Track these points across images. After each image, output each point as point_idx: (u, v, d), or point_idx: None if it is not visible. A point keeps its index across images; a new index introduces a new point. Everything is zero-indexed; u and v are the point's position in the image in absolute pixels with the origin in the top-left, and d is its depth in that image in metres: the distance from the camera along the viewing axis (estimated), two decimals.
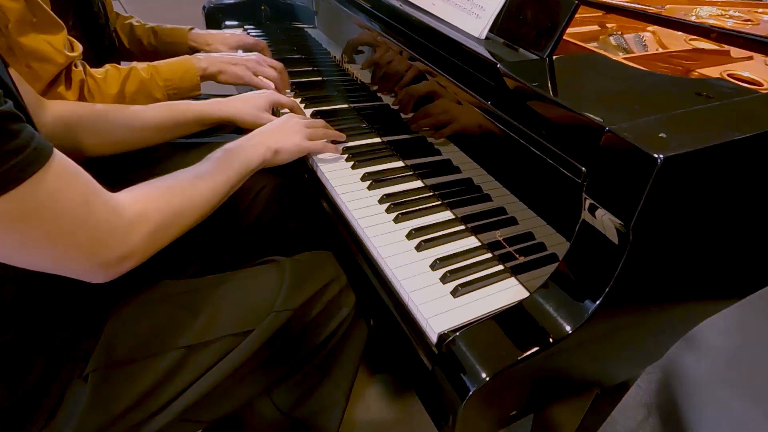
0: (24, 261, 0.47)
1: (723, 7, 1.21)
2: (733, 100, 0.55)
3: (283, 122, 0.83)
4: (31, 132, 0.43)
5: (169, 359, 0.61)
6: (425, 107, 0.82)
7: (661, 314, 0.62)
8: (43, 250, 0.46)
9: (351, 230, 0.74)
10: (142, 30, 1.16)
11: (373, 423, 1.12)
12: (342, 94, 1.09)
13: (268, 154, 0.76)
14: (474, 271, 0.65)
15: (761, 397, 1.08)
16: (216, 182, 0.66)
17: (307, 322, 0.70)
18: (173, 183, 0.61)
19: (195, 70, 0.93)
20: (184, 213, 0.60)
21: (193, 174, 0.64)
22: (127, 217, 0.52)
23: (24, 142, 0.42)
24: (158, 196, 0.58)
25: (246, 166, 0.72)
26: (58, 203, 0.45)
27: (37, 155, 0.43)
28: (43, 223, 0.44)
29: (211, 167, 0.67)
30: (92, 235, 0.49)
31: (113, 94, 0.83)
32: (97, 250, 0.50)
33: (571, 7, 0.62)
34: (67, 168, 0.47)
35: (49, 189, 0.44)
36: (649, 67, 0.68)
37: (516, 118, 0.59)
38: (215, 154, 0.70)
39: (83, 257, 0.49)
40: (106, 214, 0.50)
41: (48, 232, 0.45)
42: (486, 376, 0.49)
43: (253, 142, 0.76)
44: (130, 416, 0.59)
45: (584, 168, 0.50)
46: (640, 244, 0.47)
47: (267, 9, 1.47)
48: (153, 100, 0.88)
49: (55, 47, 0.72)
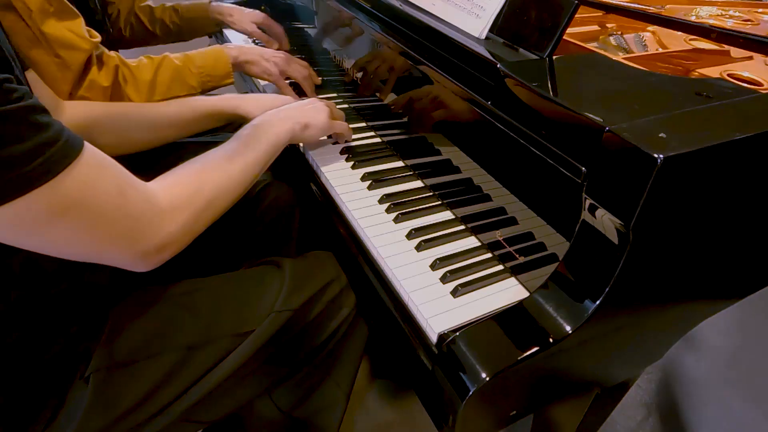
0: (67, 252, 0.47)
1: (723, 7, 1.21)
2: (733, 100, 0.55)
3: (309, 101, 0.82)
4: (61, 125, 0.43)
5: (170, 360, 0.61)
6: (425, 107, 0.82)
7: (661, 314, 0.62)
8: (84, 242, 0.47)
9: (351, 230, 0.74)
10: (161, 10, 1.15)
11: (373, 423, 1.12)
12: (342, 94, 1.09)
13: (297, 128, 0.75)
14: (474, 271, 0.65)
15: (761, 397, 1.08)
16: (246, 162, 0.65)
17: (308, 322, 0.70)
18: (204, 167, 0.61)
19: (226, 58, 0.93)
20: (217, 197, 0.60)
21: (223, 155, 0.64)
22: (161, 206, 0.52)
23: (56, 134, 0.42)
24: (189, 183, 0.57)
25: (275, 142, 0.70)
26: (94, 194, 0.45)
27: (70, 147, 0.43)
28: (81, 215, 0.44)
29: (240, 146, 0.66)
30: (130, 224, 0.49)
31: (147, 81, 0.83)
32: (136, 240, 0.50)
33: (571, 7, 0.62)
34: (99, 159, 0.47)
35: (84, 180, 0.44)
36: (649, 67, 0.68)
37: (516, 118, 0.59)
38: (243, 131, 0.69)
39: (123, 247, 0.49)
40: (141, 203, 0.50)
41: (87, 223, 0.45)
42: (486, 376, 0.49)
43: (282, 115, 0.75)
44: (131, 417, 0.59)
45: (584, 168, 0.50)
46: (640, 244, 0.47)
47: (267, 9, 1.47)
48: (188, 88, 0.88)
49: (77, 34, 0.72)
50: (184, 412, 0.62)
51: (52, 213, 0.42)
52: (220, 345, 0.64)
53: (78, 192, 0.44)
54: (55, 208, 0.42)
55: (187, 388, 0.62)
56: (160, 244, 0.52)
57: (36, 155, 0.40)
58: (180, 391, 0.62)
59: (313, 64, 1.23)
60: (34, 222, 0.42)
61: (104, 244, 0.48)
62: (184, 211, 0.54)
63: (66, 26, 0.71)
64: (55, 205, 0.42)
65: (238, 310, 0.67)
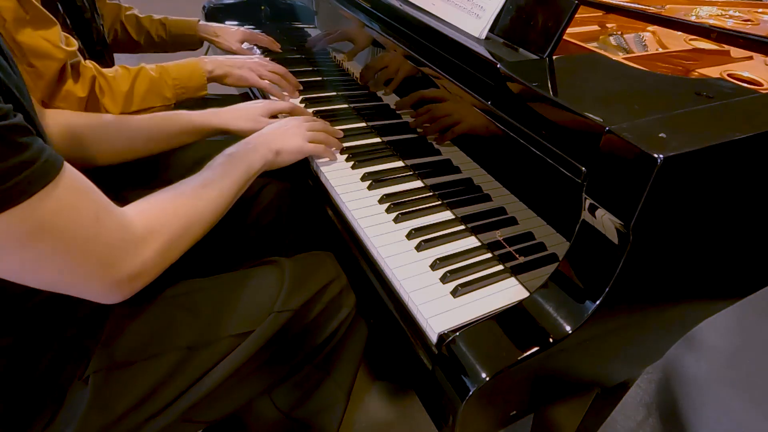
0: (36, 280, 0.46)
1: (723, 7, 1.21)
2: (733, 100, 0.55)
3: (283, 124, 0.83)
4: (42, 145, 0.42)
5: (169, 360, 0.61)
6: (425, 107, 0.82)
7: (661, 314, 0.62)
8: (55, 269, 0.45)
9: (351, 230, 0.74)
10: (149, 22, 1.16)
11: (373, 423, 1.12)
12: (342, 94, 1.09)
13: (269, 156, 0.76)
14: (474, 271, 0.65)
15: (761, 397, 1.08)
16: (221, 189, 0.65)
17: (308, 322, 0.70)
18: (179, 195, 0.61)
19: (202, 71, 0.95)
20: (192, 224, 0.59)
21: (198, 183, 0.64)
22: (137, 233, 0.52)
23: (34, 155, 0.41)
24: (165, 209, 0.57)
25: (248, 169, 0.71)
26: (69, 218, 0.44)
27: (48, 168, 0.42)
28: (54, 239, 0.43)
29: (215, 174, 0.67)
30: (104, 251, 0.48)
31: (124, 92, 0.83)
32: (109, 268, 0.49)
33: (571, 7, 0.62)
34: (77, 182, 0.46)
35: (60, 203, 0.43)
36: (649, 67, 0.68)
37: (516, 118, 0.59)
38: (217, 160, 0.70)
39: (95, 275, 0.48)
40: (116, 230, 0.49)
41: (60, 248, 0.44)
42: (486, 376, 0.49)
43: (253, 144, 0.76)
44: (130, 417, 0.59)
45: (584, 168, 0.50)
46: (640, 244, 0.47)
47: (267, 9, 1.47)
48: (163, 99, 0.89)
49: (52, 43, 0.71)
50: (184, 413, 0.62)
51: (26, 235, 0.41)
52: (220, 345, 0.64)
53: (54, 215, 0.43)
54: (29, 229, 0.41)
55: (187, 389, 0.62)
56: (134, 272, 0.51)
57: (12, 174, 0.39)
58: (180, 392, 0.61)
59: (313, 64, 1.23)
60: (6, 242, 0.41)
61: (76, 271, 0.47)
62: (159, 238, 0.54)
63: (41, 35, 0.70)
64: (30, 226, 0.41)
65: (237, 310, 0.67)
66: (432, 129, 0.81)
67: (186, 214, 0.59)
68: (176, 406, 0.61)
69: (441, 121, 0.78)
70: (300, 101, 1.07)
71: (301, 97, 1.08)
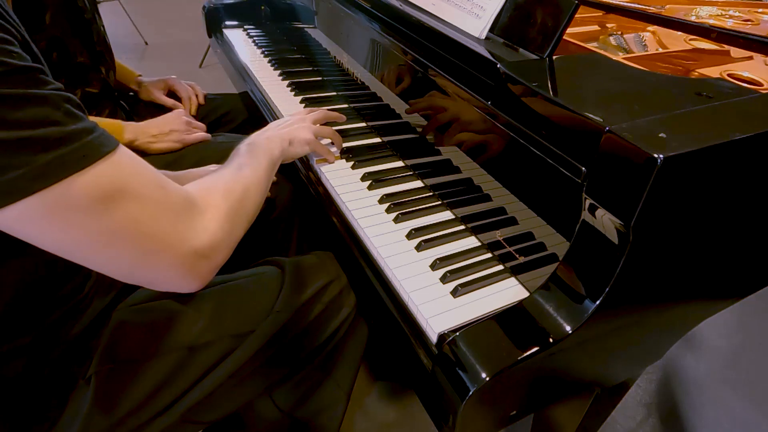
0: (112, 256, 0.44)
1: (723, 7, 1.21)
2: (733, 100, 0.55)
3: (288, 119, 0.84)
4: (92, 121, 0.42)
5: (170, 360, 0.61)
6: (425, 107, 0.82)
7: (661, 314, 0.62)
8: (130, 240, 0.43)
9: (351, 230, 0.74)
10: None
11: (374, 423, 1.12)
12: (342, 94, 1.09)
13: (284, 144, 0.76)
14: (474, 271, 0.65)
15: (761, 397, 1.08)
16: (256, 170, 0.65)
17: (308, 322, 0.70)
18: (220, 176, 0.61)
19: (121, 137, 0.94)
20: (245, 200, 0.59)
21: (234, 166, 0.64)
22: (199, 205, 0.51)
23: (92, 125, 0.41)
24: (215, 186, 0.57)
25: (271, 156, 0.71)
26: (137, 186, 0.43)
27: (107, 138, 0.42)
28: (125, 208, 0.42)
29: (244, 159, 0.66)
30: (174, 221, 0.47)
31: None
32: (183, 240, 0.47)
33: (571, 7, 0.62)
34: (134, 156, 0.46)
35: (127, 168, 0.43)
36: (649, 67, 0.68)
37: (516, 118, 0.59)
38: (240, 148, 0.69)
39: (171, 248, 0.46)
40: (181, 200, 0.49)
41: (131, 216, 0.43)
42: (486, 376, 0.49)
43: (268, 134, 0.76)
44: (132, 418, 0.59)
45: (584, 168, 0.50)
46: (640, 244, 0.47)
47: (267, 9, 1.47)
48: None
49: None
50: (185, 413, 0.62)
51: (93, 200, 0.40)
52: (221, 345, 0.64)
53: (119, 181, 0.42)
54: (95, 195, 0.40)
55: (188, 389, 0.62)
56: (207, 245, 0.49)
57: (74, 140, 0.39)
58: (181, 392, 0.62)
59: (312, 64, 1.23)
60: (73, 209, 0.39)
61: (151, 243, 0.45)
62: (218, 210, 0.53)
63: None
64: (95, 192, 0.40)
65: (238, 310, 0.67)
66: (432, 129, 0.81)
67: (236, 190, 0.58)
68: (177, 406, 0.62)
69: (441, 121, 0.78)
70: (300, 101, 1.07)
71: (301, 97, 1.08)
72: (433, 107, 0.79)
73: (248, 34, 1.41)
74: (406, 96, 0.87)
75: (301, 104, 1.06)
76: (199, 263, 0.49)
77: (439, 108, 0.78)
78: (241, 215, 0.57)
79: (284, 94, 1.09)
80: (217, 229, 0.51)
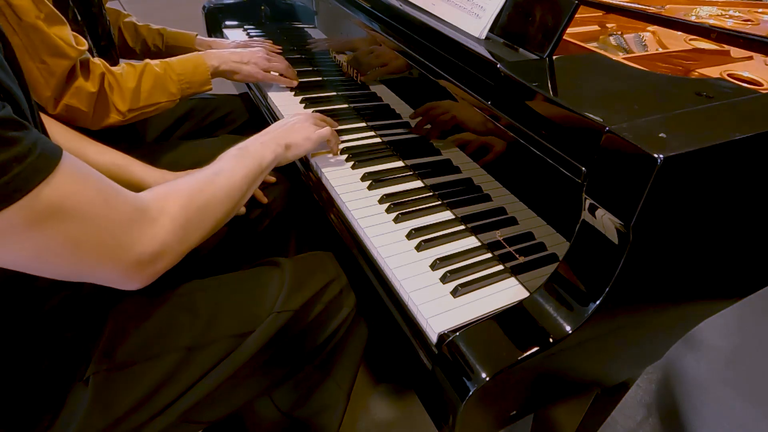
0: (53, 269, 0.46)
1: (723, 7, 1.21)
2: (733, 100, 0.55)
3: (290, 120, 0.83)
4: (35, 137, 0.41)
5: (169, 361, 0.61)
6: (425, 107, 0.82)
7: (661, 314, 0.62)
8: (69, 256, 0.45)
9: (351, 230, 0.74)
10: (146, 30, 1.16)
11: (374, 423, 1.12)
12: (342, 94, 1.09)
13: (279, 150, 0.76)
14: (474, 271, 0.65)
15: (761, 397, 1.08)
16: (234, 178, 0.65)
17: (308, 322, 0.70)
18: (192, 180, 0.61)
19: (205, 66, 0.95)
20: (207, 207, 0.59)
21: (211, 171, 0.64)
22: (150, 213, 0.51)
23: (26, 149, 0.40)
24: (178, 191, 0.57)
25: (260, 162, 0.71)
26: (76, 206, 0.44)
27: (44, 162, 0.41)
28: (63, 228, 0.43)
29: (227, 164, 0.67)
30: (117, 233, 0.47)
31: (131, 89, 0.84)
32: (124, 249, 0.48)
33: (571, 7, 0.62)
34: (79, 170, 0.45)
35: (63, 193, 0.43)
36: (649, 67, 0.68)
37: (516, 118, 0.59)
38: (229, 152, 0.70)
39: (112, 259, 0.48)
40: (129, 211, 0.49)
41: (70, 236, 0.44)
42: (486, 376, 0.49)
43: (263, 139, 0.76)
44: (131, 418, 0.59)
45: (584, 168, 0.50)
46: (640, 244, 0.47)
47: (267, 9, 1.47)
48: (168, 95, 0.89)
49: (65, 41, 0.72)
50: (184, 413, 0.62)
51: (28, 228, 0.41)
52: (220, 346, 0.64)
53: (57, 203, 0.42)
54: (30, 223, 0.41)
55: (187, 389, 0.62)
56: (152, 253, 0.51)
57: (5, 171, 0.38)
58: (180, 392, 0.61)
59: (313, 64, 1.23)
60: (12, 236, 0.40)
61: (91, 256, 0.46)
62: (173, 218, 0.54)
63: (54, 32, 0.70)
64: (30, 220, 0.41)
65: (237, 310, 0.67)
66: (432, 129, 0.81)
67: (200, 197, 0.59)
68: (176, 406, 0.61)
69: (441, 120, 0.78)
70: (300, 101, 1.07)
71: (301, 97, 1.08)
72: (433, 107, 0.79)
73: (248, 34, 1.41)
74: (406, 96, 0.87)
75: (301, 104, 1.06)
76: (142, 269, 0.51)
77: (439, 108, 0.78)
78: (199, 224, 0.58)
79: (284, 95, 1.09)
80: (165, 236, 0.52)
